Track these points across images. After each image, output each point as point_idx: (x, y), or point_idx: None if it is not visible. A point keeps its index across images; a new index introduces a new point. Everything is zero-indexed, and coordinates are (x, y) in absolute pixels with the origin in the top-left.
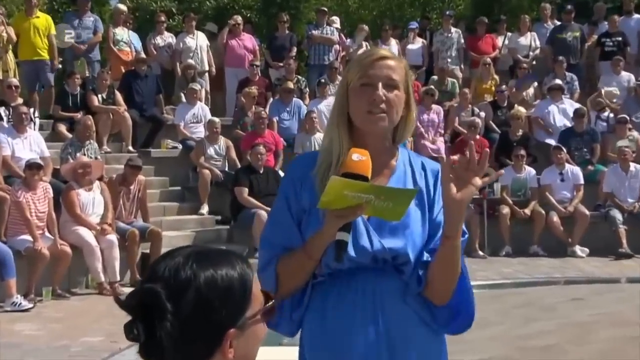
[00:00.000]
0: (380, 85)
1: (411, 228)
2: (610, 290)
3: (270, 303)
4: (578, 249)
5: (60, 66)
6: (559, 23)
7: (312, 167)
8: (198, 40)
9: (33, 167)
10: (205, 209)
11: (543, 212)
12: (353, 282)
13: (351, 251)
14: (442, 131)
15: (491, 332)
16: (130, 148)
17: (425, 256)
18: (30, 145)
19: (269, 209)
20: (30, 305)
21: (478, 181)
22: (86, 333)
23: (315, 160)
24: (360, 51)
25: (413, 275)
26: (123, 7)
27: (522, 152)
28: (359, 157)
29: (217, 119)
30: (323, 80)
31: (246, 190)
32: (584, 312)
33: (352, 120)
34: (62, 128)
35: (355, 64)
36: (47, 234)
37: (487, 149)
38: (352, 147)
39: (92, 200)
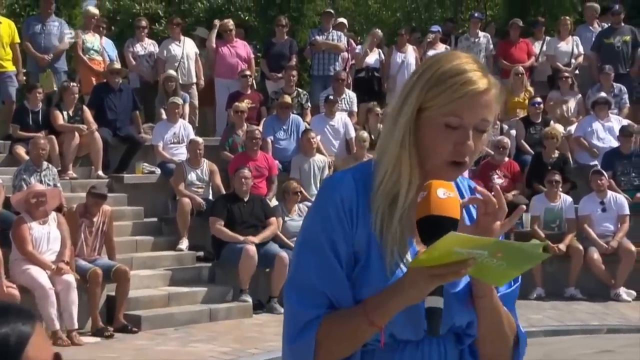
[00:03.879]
0: (471, 132)
1: None
2: None
3: None
4: (623, 291)
5: (25, 79)
6: (606, 25)
7: (362, 196)
8: (185, 48)
9: None
10: (184, 243)
11: (581, 248)
12: (419, 353)
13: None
14: None
15: None
16: (100, 173)
17: None
18: None
19: (255, 240)
20: None
21: (498, 227)
22: None
23: (363, 186)
24: (449, 62)
25: (467, 348)
26: (94, 10)
27: (557, 177)
28: (447, 194)
29: (199, 139)
30: (332, 97)
31: (221, 221)
32: None
33: (419, 150)
34: (21, 150)
35: (443, 86)
36: None
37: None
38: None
39: (46, 235)
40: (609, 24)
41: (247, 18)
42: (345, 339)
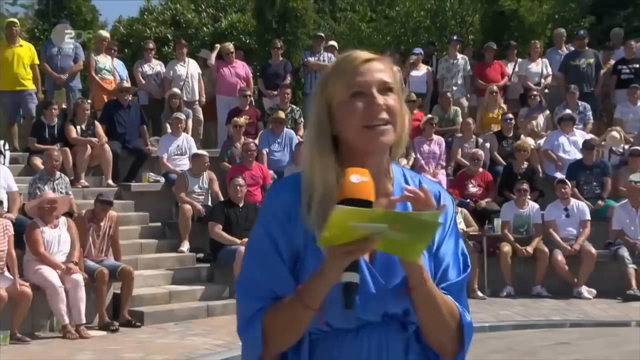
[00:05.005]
0: (374, 91)
1: None
2: (603, 334)
3: None
4: (584, 290)
5: (42, 96)
6: (573, 49)
7: (299, 197)
8: (189, 68)
9: None
10: (185, 246)
11: (547, 250)
12: (358, 341)
13: (359, 310)
14: (444, 163)
15: None
16: (110, 182)
17: None
18: None
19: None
20: None
21: None
22: None
23: (300, 189)
24: (336, 60)
25: (414, 335)
26: (105, 33)
27: (525, 186)
28: (359, 179)
29: (205, 152)
30: None
31: (219, 225)
32: (566, 357)
33: (344, 142)
34: (37, 161)
35: (336, 75)
36: (6, 273)
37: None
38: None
39: (57, 238)
40: (575, 48)
41: (247, 41)
42: (287, 326)
